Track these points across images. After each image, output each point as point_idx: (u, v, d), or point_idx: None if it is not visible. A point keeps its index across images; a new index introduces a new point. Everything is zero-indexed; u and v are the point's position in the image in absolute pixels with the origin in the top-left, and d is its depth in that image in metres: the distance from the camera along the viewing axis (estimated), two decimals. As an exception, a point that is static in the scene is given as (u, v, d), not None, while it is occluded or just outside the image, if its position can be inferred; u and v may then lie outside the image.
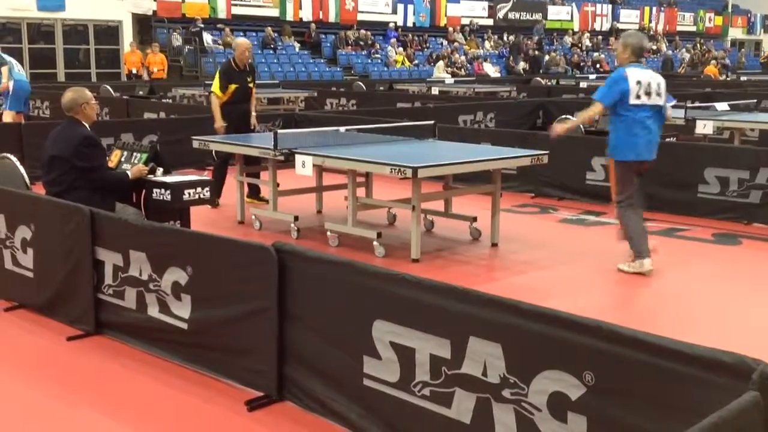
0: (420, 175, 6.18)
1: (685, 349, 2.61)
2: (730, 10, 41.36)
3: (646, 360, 2.68)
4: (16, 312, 5.30)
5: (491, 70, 28.02)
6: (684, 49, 35.15)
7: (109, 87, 16.78)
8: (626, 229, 6.25)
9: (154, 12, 23.21)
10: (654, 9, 37.44)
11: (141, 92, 15.38)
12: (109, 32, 22.92)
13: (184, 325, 4.31)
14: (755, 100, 14.26)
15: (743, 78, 25.03)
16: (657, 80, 6.17)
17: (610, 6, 35.79)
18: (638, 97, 6.03)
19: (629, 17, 36.28)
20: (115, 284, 4.69)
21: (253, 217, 7.86)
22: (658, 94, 6.12)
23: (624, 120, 6.07)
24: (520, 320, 3.02)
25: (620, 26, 35.48)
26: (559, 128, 6.60)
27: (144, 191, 5.84)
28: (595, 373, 2.79)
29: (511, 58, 29.05)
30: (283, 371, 3.90)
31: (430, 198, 7.06)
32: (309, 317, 3.80)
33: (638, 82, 6.03)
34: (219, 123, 8.69)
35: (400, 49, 27.39)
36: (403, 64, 26.76)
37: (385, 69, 26.04)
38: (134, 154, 6.03)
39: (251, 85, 8.95)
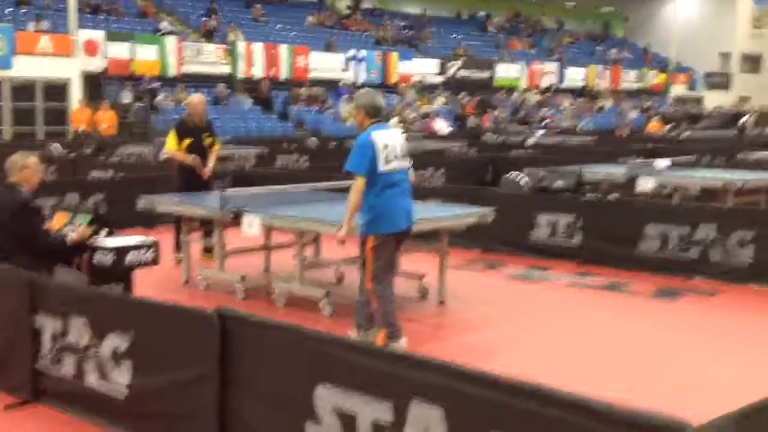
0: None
1: (619, 411, 2.66)
2: (672, 67, 42.75)
3: (583, 424, 2.72)
4: (-50, 380, 5.13)
5: (443, 125, 28.44)
6: (632, 105, 36.04)
7: (59, 145, 16.53)
8: (383, 305, 5.57)
9: (105, 69, 23.15)
10: (599, 67, 38.54)
11: (88, 150, 15.18)
12: (57, 90, 22.73)
13: (123, 392, 4.23)
14: (694, 156, 14.68)
15: (686, 133, 25.73)
16: (400, 141, 5.70)
17: (557, 64, 36.75)
18: (387, 161, 5.47)
19: (575, 74, 37.24)
20: (53, 351, 4.59)
21: (200, 277, 7.78)
22: (404, 156, 5.66)
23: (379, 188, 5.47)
24: (460, 384, 3.04)
25: (564, 85, 36.37)
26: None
27: (87, 254, 5.76)
28: (533, 436, 2.82)
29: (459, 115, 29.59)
30: (224, 439, 3.84)
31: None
32: (251, 383, 3.77)
33: (386, 146, 5.50)
34: (189, 160, 8.77)
35: (352, 104, 27.67)
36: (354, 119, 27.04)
37: (337, 125, 26.24)
38: (77, 215, 5.97)
39: (208, 141, 8.96)
